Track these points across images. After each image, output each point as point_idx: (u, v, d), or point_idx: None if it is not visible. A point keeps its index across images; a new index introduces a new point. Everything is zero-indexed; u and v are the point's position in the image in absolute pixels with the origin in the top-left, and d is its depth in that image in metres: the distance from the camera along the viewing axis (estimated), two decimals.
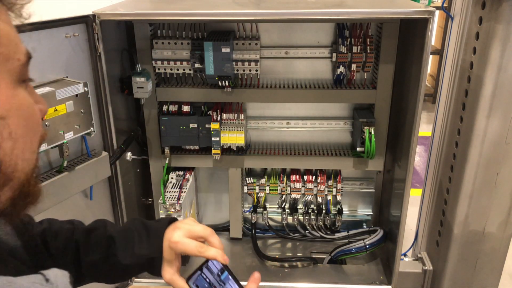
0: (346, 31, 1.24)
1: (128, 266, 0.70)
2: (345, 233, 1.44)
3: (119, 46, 1.23)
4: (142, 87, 1.20)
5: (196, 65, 1.21)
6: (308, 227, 1.48)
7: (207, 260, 0.67)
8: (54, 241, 0.69)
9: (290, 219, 1.47)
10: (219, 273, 0.67)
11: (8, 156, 0.40)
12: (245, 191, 1.46)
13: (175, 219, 0.71)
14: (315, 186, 1.41)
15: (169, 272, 0.69)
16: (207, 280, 0.67)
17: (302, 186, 1.41)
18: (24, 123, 0.41)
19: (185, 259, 0.72)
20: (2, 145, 0.39)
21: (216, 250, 0.67)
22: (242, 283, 0.67)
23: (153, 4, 1.20)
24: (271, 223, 1.51)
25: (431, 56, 3.28)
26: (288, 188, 1.42)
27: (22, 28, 0.42)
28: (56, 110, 0.94)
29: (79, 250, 0.70)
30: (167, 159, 1.36)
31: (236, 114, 1.29)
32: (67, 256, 0.69)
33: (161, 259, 0.69)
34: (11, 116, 0.40)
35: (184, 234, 0.67)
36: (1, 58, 0.39)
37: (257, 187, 1.44)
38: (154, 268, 0.70)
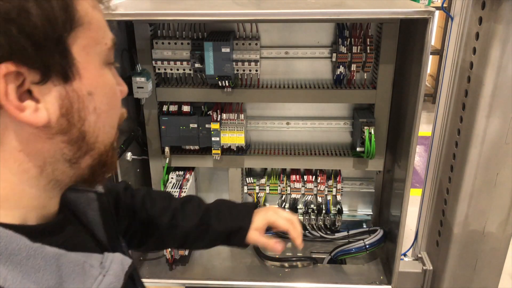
0: (346, 31, 1.24)
1: (218, 233, 0.87)
2: (345, 233, 1.44)
3: (119, 46, 1.23)
4: (142, 87, 1.20)
5: (196, 65, 1.22)
6: (308, 227, 1.48)
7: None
8: (153, 206, 0.85)
9: None
10: None
11: (92, 128, 0.46)
12: (245, 191, 1.46)
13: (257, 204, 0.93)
14: (315, 186, 1.41)
15: (255, 234, 0.87)
16: None
17: (302, 186, 1.41)
18: (107, 101, 0.47)
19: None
20: (87, 118, 0.45)
21: (298, 234, 0.89)
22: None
23: (153, 4, 1.20)
24: None
25: (431, 56, 3.29)
26: (288, 188, 1.43)
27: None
28: None
29: (176, 216, 0.85)
30: (167, 159, 1.36)
31: (236, 114, 1.29)
32: (163, 221, 0.84)
33: (245, 232, 0.87)
34: (97, 93, 0.45)
35: (276, 212, 0.91)
36: (92, 42, 0.45)
37: (257, 187, 1.44)
38: (241, 237, 0.87)
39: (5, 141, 0.41)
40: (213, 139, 1.30)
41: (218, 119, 1.29)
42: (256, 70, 1.23)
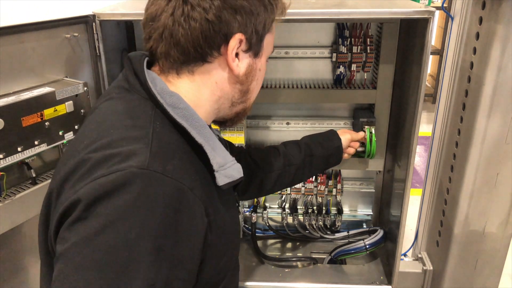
0: (346, 31, 1.24)
1: (322, 159, 1.13)
2: (345, 233, 1.44)
3: (119, 46, 1.23)
4: None
5: None
6: (308, 227, 1.47)
7: None
8: (259, 153, 1.10)
9: (290, 219, 1.47)
10: None
11: (252, 88, 0.76)
12: None
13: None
14: (315, 186, 1.41)
15: (346, 150, 1.21)
16: None
17: (302, 186, 1.41)
18: (261, 78, 0.77)
19: None
20: (253, 81, 0.74)
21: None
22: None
23: None
24: (271, 223, 1.51)
25: (431, 56, 3.29)
26: (288, 188, 1.42)
27: (22, 28, 0.46)
28: (56, 110, 0.94)
29: (285, 156, 1.10)
30: None
31: None
32: (273, 164, 1.08)
33: (341, 150, 1.15)
34: (261, 71, 0.76)
35: (350, 133, 1.23)
36: (270, 43, 0.74)
37: None
38: (338, 153, 1.15)
39: (213, 74, 0.69)
40: None
41: None
42: None
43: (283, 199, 1.47)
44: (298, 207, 1.48)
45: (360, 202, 1.51)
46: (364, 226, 1.50)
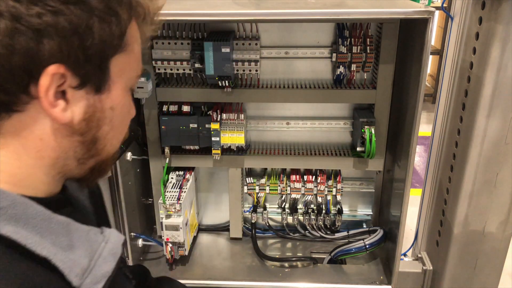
0: (346, 31, 1.24)
1: None
2: (345, 233, 1.44)
3: None
4: (142, 87, 1.20)
5: (196, 65, 1.22)
6: (308, 227, 1.48)
7: None
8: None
9: (290, 219, 1.48)
10: None
11: (104, 136, 0.53)
12: (245, 191, 1.46)
13: None
14: (315, 186, 1.41)
15: None
16: None
17: (302, 186, 1.41)
18: (121, 118, 0.55)
19: None
20: (103, 127, 0.52)
21: None
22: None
23: None
24: (271, 223, 1.51)
25: (431, 56, 3.29)
26: (288, 188, 1.43)
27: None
28: None
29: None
30: (167, 159, 1.36)
31: (236, 114, 1.29)
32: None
33: None
34: (117, 110, 0.53)
35: None
36: (128, 67, 0.53)
37: (257, 187, 1.44)
38: None
39: (32, 128, 0.47)
40: (213, 139, 1.30)
41: (218, 119, 1.29)
42: (256, 70, 1.23)
43: (283, 199, 1.47)
44: (298, 207, 1.48)
45: (360, 202, 1.51)
46: (364, 226, 1.50)
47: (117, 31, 0.48)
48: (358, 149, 1.29)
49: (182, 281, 1.05)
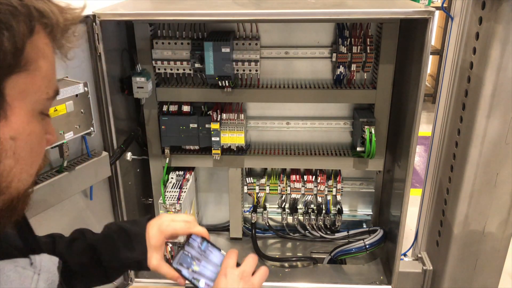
0: (346, 31, 1.24)
1: (115, 269, 0.77)
2: (345, 233, 1.44)
3: (119, 46, 1.23)
4: (142, 87, 1.20)
5: (196, 65, 1.22)
6: (308, 227, 1.48)
7: (187, 239, 0.73)
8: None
9: (290, 219, 1.48)
10: (199, 245, 0.74)
11: (7, 172, 0.43)
12: (245, 191, 1.46)
13: (152, 217, 0.78)
14: (315, 186, 1.41)
15: (156, 258, 0.74)
16: (189, 255, 0.73)
17: (302, 186, 1.41)
18: (29, 148, 0.45)
19: None
20: (3, 161, 0.43)
21: (201, 227, 0.76)
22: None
23: (153, 4, 1.20)
24: (271, 223, 1.51)
25: (431, 56, 3.29)
26: (288, 188, 1.43)
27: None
28: (56, 110, 0.94)
29: (65, 261, 0.71)
30: (167, 159, 1.36)
31: (236, 114, 1.29)
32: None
33: (143, 264, 0.75)
34: (20, 139, 0.44)
35: (172, 219, 0.76)
36: (32, 89, 0.44)
37: (257, 187, 1.44)
38: (141, 266, 0.76)
39: None
40: (213, 139, 1.30)
41: (218, 119, 1.29)
42: (256, 70, 1.23)
43: (283, 199, 1.47)
44: (298, 207, 1.48)
45: (360, 202, 1.51)
46: (364, 226, 1.50)
47: (10, 47, 0.40)
48: (358, 149, 1.29)
49: None
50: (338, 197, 1.44)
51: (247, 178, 1.44)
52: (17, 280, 0.42)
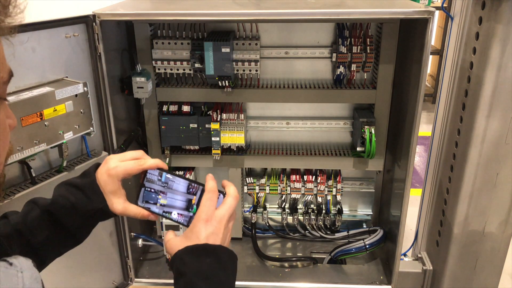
0: (346, 31, 1.24)
1: (79, 227, 0.71)
2: (345, 233, 1.44)
3: (119, 46, 1.23)
4: (142, 87, 1.20)
5: (196, 65, 1.21)
6: (308, 227, 1.48)
7: (144, 176, 0.71)
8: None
9: (290, 219, 1.47)
10: (159, 178, 0.70)
11: None
12: (245, 191, 1.46)
13: (99, 164, 0.72)
14: (315, 186, 1.41)
15: (119, 203, 0.71)
16: (152, 190, 0.70)
17: (302, 186, 1.41)
18: None
19: None
20: None
21: (155, 159, 0.71)
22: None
23: (153, 4, 1.20)
24: (271, 223, 1.51)
25: (431, 56, 3.29)
26: (288, 188, 1.42)
27: (22, 28, 0.42)
28: (56, 110, 0.94)
29: (25, 236, 0.69)
30: (167, 159, 1.36)
31: (236, 114, 1.29)
32: (14, 247, 0.67)
33: (105, 212, 0.71)
34: None
35: (118, 160, 0.71)
36: None
37: (257, 187, 1.44)
38: (105, 214, 0.72)
39: None
40: (213, 139, 1.30)
41: (218, 119, 1.29)
42: (256, 70, 1.23)
43: (283, 199, 1.47)
44: (298, 207, 1.48)
45: (360, 202, 1.51)
46: (364, 226, 1.50)
47: None
48: (358, 149, 1.29)
49: None
50: (338, 197, 1.44)
51: (247, 178, 1.44)
52: (4, 279, 0.42)
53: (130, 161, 0.71)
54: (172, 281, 0.69)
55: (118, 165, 0.70)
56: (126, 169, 0.70)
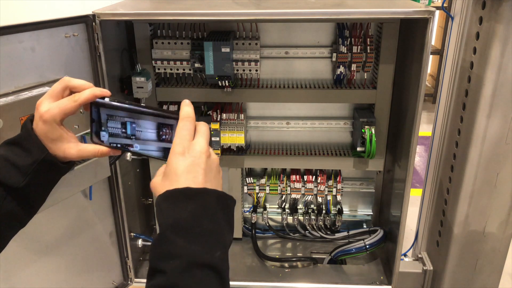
0: (346, 31, 1.23)
1: (27, 188, 0.63)
2: (345, 233, 1.44)
3: (119, 46, 1.23)
4: (142, 87, 1.20)
5: (196, 65, 1.21)
6: (308, 227, 1.47)
7: (90, 111, 0.64)
8: None
9: (290, 219, 1.47)
10: (111, 109, 0.63)
11: None
12: (245, 191, 1.46)
13: (33, 116, 0.65)
14: (315, 186, 1.41)
15: (71, 147, 0.64)
16: (103, 123, 0.63)
17: (302, 186, 1.41)
18: None
19: None
20: None
21: (89, 89, 0.63)
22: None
23: (153, 4, 1.20)
24: (271, 223, 1.51)
25: (431, 56, 3.29)
26: (288, 188, 1.42)
27: (22, 28, 0.42)
28: None
29: None
30: None
31: (236, 114, 1.29)
32: None
33: (51, 156, 0.64)
34: None
35: (49, 102, 0.63)
36: None
37: (257, 187, 1.44)
38: (56, 165, 0.65)
39: None
40: (213, 139, 1.30)
41: (218, 119, 1.29)
42: (256, 70, 1.23)
43: (283, 199, 1.47)
44: (298, 207, 1.48)
45: (360, 202, 1.51)
46: (364, 226, 1.50)
47: None
48: (358, 149, 1.29)
49: None
50: (338, 197, 1.44)
51: (247, 178, 1.43)
52: None
53: (63, 99, 0.63)
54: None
55: (50, 107, 0.62)
56: (61, 109, 0.62)
